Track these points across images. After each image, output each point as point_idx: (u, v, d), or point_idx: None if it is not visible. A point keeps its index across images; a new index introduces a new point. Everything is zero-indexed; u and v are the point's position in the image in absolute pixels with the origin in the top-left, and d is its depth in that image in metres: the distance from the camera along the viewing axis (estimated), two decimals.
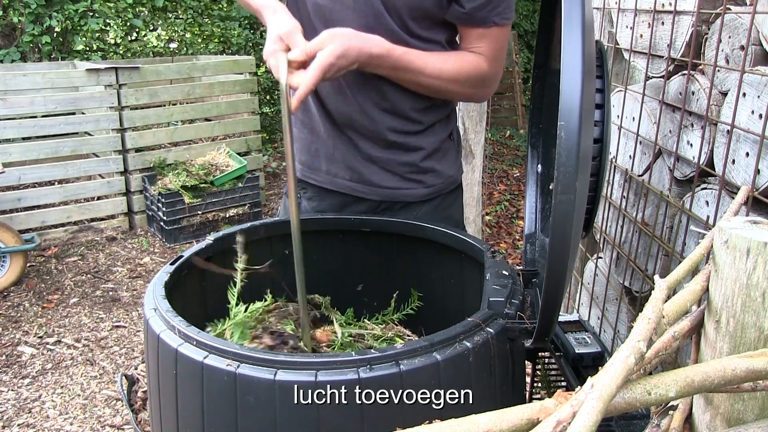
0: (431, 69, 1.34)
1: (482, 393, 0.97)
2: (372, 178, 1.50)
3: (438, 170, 1.54)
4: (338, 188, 1.53)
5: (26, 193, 4.25)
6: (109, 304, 3.64)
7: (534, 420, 0.57)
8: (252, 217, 4.68)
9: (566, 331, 1.38)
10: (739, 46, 1.28)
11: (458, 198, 1.65)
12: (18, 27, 5.53)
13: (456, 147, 1.61)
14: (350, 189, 1.52)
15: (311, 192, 1.59)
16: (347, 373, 0.87)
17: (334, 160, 1.51)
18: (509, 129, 7.54)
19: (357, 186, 1.52)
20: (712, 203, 1.34)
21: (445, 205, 1.59)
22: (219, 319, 1.26)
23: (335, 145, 1.50)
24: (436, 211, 1.56)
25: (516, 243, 4.53)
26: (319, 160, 1.53)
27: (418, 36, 1.38)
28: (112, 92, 4.43)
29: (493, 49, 1.38)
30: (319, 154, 1.52)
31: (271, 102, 7.20)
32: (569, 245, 0.82)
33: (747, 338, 0.68)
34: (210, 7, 6.77)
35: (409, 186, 1.52)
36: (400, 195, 1.52)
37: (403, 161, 1.49)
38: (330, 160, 1.52)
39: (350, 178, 1.52)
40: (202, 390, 0.92)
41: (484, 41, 1.37)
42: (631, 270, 1.74)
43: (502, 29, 1.37)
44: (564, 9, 0.79)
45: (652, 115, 1.64)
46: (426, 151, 1.50)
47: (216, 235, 1.36)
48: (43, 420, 2.64)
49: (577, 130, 0.76)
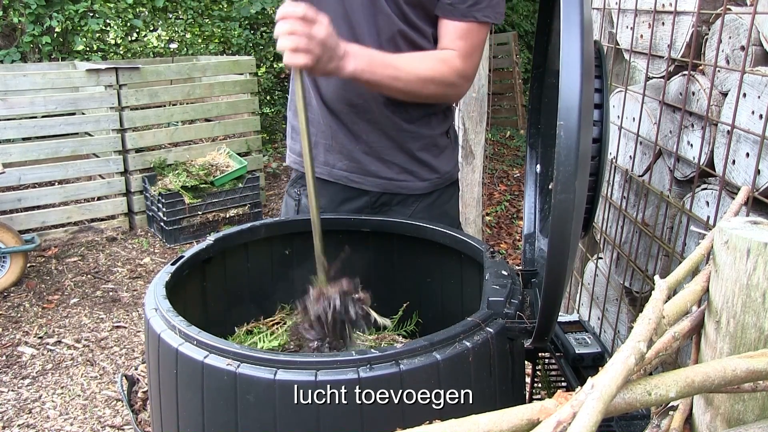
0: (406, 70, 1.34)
1: (482, 393, 0.97)
2: (369, 167, 1.52)
3: (433, 165, 1.55)
4: (336, 179, 1.55)
5: (26, 194, 4.25)
6: (109, 305, 3.64)
7: (534, 420, 0.57)
8: (252, 218, 4.68)
9: (566, 332, 1.38)
10: (740, 47, 1.28)
11: (454, 195, 1.67)
12: (18, 27, 5.53)
13: (453, 144, 1.63)
14: (347, 179, 1.55)
15: None
16: (347, 372, 0.87)
17: (332, 150, 1.53)
18: (509, 129, 7.54)
19: (354, 176, 1.54)
20: (713, 204, 1.34)
21: (441, 202, 1.61)
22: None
23: (333, 134, 1.52)
24: (433, 207, 1.58)
25: (516, 243, 4.53)
26: (318, 151, 1.55)
27: (412, 24, 1.40)
28: (112, 92, 4.43)
29: (467, 46, 1.39)
30: (318, 144, 1.54)
31: (271, 102, 7.20)
32: (568, 245, 0.82)
33: (747, 339, 0.68)
34: (210, 7, 6.77)
35: (405, 178, 1.54)
36: (396, 187, 1.54)
37: (399, 150, 1.51)
38: (328, 150, 1.54)
39: (347, 168, 1.54)
40: (202, 389, 0.92)
41: (461, 37, 1.38)
42: (631, 270, 1.74)
43: (481, 27, 1.39)
44: (563, 9, 0.79)
45: (652, 115, 1.64)
46: (422, 143, 1.52)
47: (216, 236, 1.36)
48: (43, 420, 2.64)
49: (576, 129, 0.77)
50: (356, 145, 1.51)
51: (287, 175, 6.01)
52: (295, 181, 1.66)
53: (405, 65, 1.34)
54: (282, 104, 7.27)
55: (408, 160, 1.52)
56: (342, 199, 1.57)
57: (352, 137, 1.51)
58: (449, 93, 1.46)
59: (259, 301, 1.48)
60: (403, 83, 1.34)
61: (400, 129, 1.49)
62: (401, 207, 1.56)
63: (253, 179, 4.71)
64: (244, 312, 1.47)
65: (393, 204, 1.57)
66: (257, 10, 6.38)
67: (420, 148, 1.52)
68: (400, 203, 1.56)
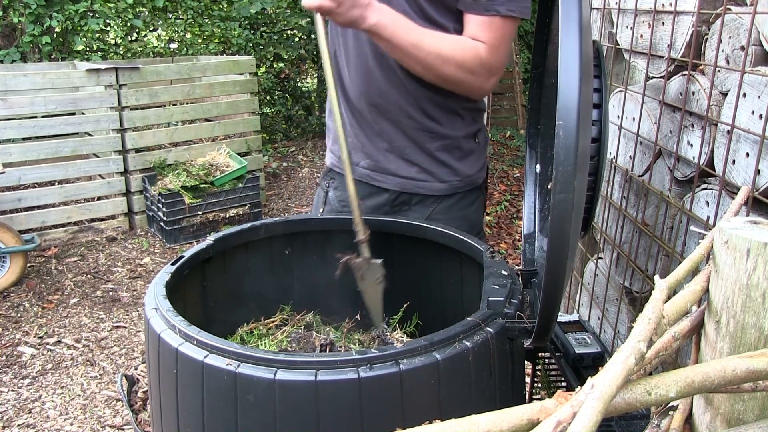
0: (429, 42, 1.33)
1: (482, 393, 0.97)
2: (389, 166, 1.53)
3: (455, 167, 1.54)
4: (358, 177, 1.56)
5: (26, 194, 4.25)
6: (109, 305, 3.64)
7: (534, 420, 0.57)
8: (252, 218, 4.68)
9: (566, 332, 1.38)
10: (740, 47, 1.28)
11: (477, 200, 1.63)
12: (18, 27, 5.53)
13: (481, 149, 1.60)
14: (368, 177, 1.56)
15: (338, 181, 1.64)
16: (347, 372, 0.87)
17: (354, 147, 1.55)
18: (509, 129, 7.53)
19: (375, 174, 1.56)
20: (713, 203, 1.34)
21: (462, 206, 1.58)
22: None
23: (356, 133, 1.54)
24: (452, 210, 1.56)
25: (516, 243, 4.53)
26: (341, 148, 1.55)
27: (431, 19, 1.39)
28: (112, 92, 4.43)
29: (493, 38, 1.37)
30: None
31: (271, 102, 7.20)
32: (568, 244, 0.82)
33: (747, 339, 0.68)
34: (210, 7, 6.77)
35: (424, 178, 1.54)
36: (415, 186, 1.54)
37: (418, 149, 1.51)
38: (351, 148, 1.54)
39: (368, 166, 1.56)
40: (202, 389, 0.92)
41: (485, 30, 1.37)
42: (631, 270, 1.74)
43: (505, 21, 1.37)
44: (561, 9, 0.79)
45: (652, 115, 1.64)
46: (442, 143, 1.51)
47: (216, 236, 1.36)
48: (43, 420, 2.64)
49: (575, 129, 0.77)
50: (378, 144, 1.53)
51: (287, 175, 6.01)
52: (324, 175, 1.70)
53: (428, 37, 1.33)
54: (282, 104, 7.28)
55: (427, 159, 1.52)
56: (363, 195, 1.57)
57: (373, 136, 1.52)
58: (470, 81, 1.40)
59: (259, 301, 1.48)
60: (423, 54, 1.32)
61: (421, 128, 1.49)
62: (420, 207, 1.56)
63: (253, 179, 4.71)
64: (244, 312, 1.47)
65: (412, 204, 1.56)
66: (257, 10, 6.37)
67: (440, 148, 1.51)
68: (419, 203, 1.56)
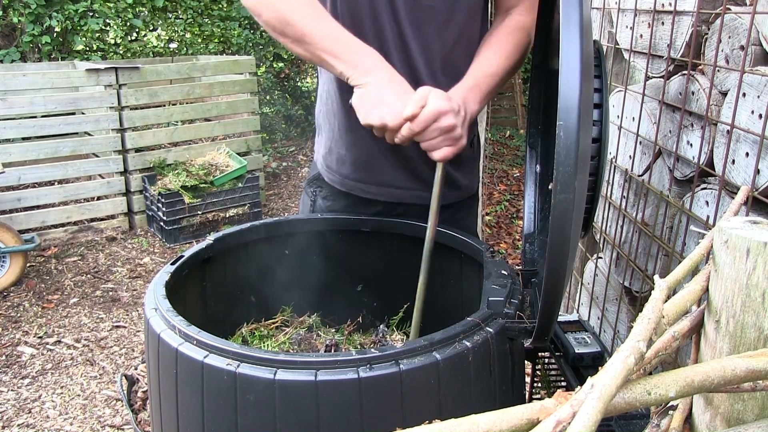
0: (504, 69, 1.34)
1: (482, 392, 0.97)
2: (383, 177, 1.46)
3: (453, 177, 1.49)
4: (349, 189, 1.51)
5: (26, 193, 4.25)
6: (109, 304, 3.64)
7: (534, 420, 0.57)
8: (252, 218, 4.68)
9: (566, 331, 1.38)
10: (739, 46, 1.28)
11: (473, 208, 1.62)
12: (18, 27, 5.53)
13: (476, 156, 1.57)
14: (361, 191, 1.49)
15: (326, 190, 1.57)
16: (347, 372, 0.87)
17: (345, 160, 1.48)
18: (509, 129, 7.53)
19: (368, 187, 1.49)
20: (712, 203, 1.34)
21: (460, 216, 1.56)
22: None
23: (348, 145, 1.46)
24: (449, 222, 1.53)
25: (516, 243, 4.53)
26: (332, 159, 1.51)
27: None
28: (111, 92, 4.43)
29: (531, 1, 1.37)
30: (332, 152, 1.50)
31: (270, 102, 7.20)
32: (568, 244, 0.82)
33: (747, 338, 0.68)
34: (210, 7, 6.76)
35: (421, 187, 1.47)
36: (411, 197, 1.48)
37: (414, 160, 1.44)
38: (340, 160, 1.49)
39: (360, 178, 1.48)
40: (202, 389, 0.92)
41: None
42: (631, 270, 1.74)
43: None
44: (562, 9, 0.79)
45: (652, 115, 1.64)
46: None
47: (216, 235, 1.36)
48: (43, 420, 2.64)
49: (575, 129, 0.77)
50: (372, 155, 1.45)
51: (287, 174, 6.01)
52: (311, 181, 1.62)
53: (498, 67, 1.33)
54: (281, 104, 7.27)
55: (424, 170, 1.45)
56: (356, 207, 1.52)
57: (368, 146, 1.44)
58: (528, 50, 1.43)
59: (259, 302, 1.48)
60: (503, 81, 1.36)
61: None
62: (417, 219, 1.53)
63: (253, 179, 4.71)
64: (244, 312, 1.47)
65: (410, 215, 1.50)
66: None
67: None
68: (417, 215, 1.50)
